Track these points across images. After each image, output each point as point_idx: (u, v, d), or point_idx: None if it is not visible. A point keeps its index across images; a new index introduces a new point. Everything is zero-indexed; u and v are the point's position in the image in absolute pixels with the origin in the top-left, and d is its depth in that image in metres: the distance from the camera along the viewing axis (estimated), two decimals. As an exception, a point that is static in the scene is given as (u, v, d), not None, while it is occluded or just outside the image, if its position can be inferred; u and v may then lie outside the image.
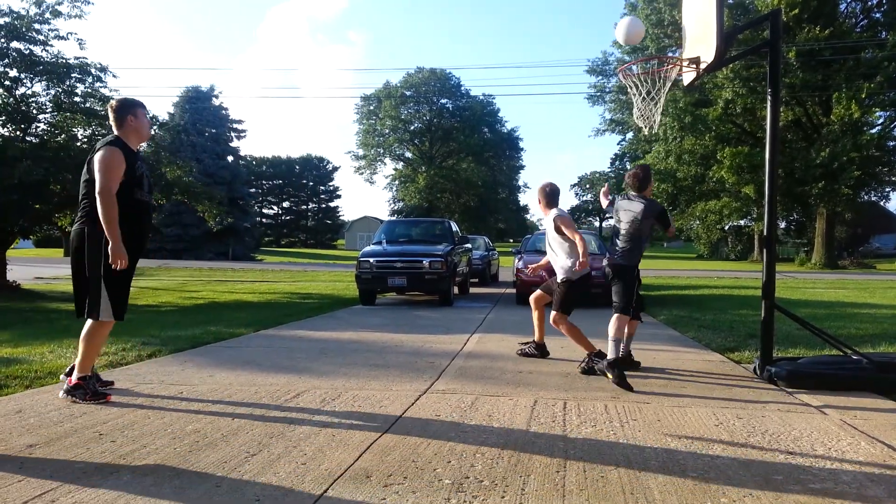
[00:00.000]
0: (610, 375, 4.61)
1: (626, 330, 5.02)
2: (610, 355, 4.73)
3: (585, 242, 5.01)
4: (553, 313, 5.29)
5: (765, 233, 5.03)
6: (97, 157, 3.90)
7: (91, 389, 3.98)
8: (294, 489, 2.57)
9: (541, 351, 5.80)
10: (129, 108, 4.09)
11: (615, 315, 4.89)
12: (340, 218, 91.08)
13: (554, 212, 5.38)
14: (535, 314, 5.88)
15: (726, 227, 48.84)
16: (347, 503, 2.44)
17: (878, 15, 32.75)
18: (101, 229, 3.83)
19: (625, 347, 5.17)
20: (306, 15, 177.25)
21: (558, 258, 5.33)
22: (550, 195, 5.48)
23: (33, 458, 2.93)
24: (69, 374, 4.12)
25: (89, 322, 3.97)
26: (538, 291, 5.88)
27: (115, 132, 4.09)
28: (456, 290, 11.99)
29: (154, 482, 2.63)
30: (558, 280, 5.33)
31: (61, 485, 2.60)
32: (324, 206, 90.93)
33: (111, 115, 4.11)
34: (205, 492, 2.53)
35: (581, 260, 4.99)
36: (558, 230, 5.26)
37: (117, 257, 3.82)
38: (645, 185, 5.11)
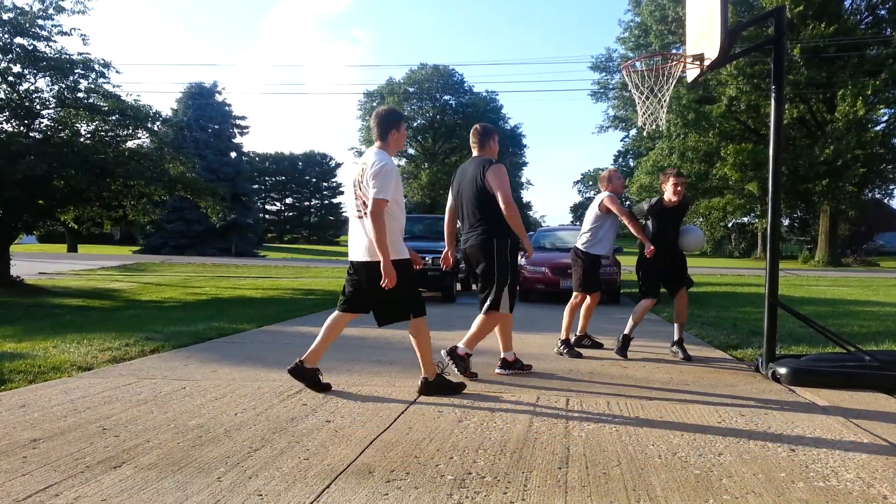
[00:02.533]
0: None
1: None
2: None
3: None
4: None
5: (768, 230, 5.01)
6: (490, 174, 4.52)
7: (465, 367, 4.63)
8: (297, 484, 2.57)
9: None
10: (493, 133, 4.84)
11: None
12: (343, 214, 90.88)
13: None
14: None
15: (730, 225, 48.76)
16: (350, 498, 2.44)
17: (882, 12, 32.57)
18: (506, 239, 4.56)
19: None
20: (312, 12, 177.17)
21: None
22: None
23: (37, 452, 2.93)
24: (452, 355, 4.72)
25: (485, 315, 4.65)
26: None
27: (477, 153, 4.80)
28: (458, 286, 11.99)
29: (157, 476, 2.64)
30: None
31: (64, 479, 2.60)
32: (326, 202, 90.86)
33: (477, 140, 4.80)
34: (207, 486, 2.54)
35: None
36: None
37: (531, 251, 4.81)
38: None
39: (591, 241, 6.03)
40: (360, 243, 4.06)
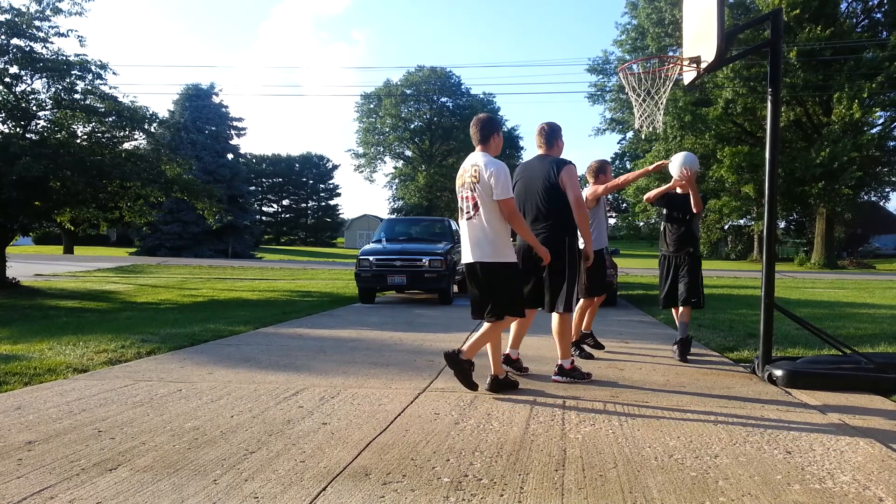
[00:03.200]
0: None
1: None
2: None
3: None
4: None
5: (764, 232, 5.03)
6: (565, 173, 4.56)
7: (581, 374, 4.70)
8: (293, 486, 2.57)
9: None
10: (559, 132, 4.87)
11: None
12: (340, 216, 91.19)
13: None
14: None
15: (726, 227, 48.85)
16: (346, 501, 2.44)
17: (878, 15, 32.77)
18: (575, 238, 4.64)
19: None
20: (310, 13, 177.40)
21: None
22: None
23: (32, 454, 2.92)
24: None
25: (560, 317, 4.63)
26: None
27: (545, 152, 4.82)
28: (455, 288, 11.98)
29: (153, 479, 2.63)
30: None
31: (60, 481, 2.59)
32: (323, 204, 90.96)
33: (544, 139, 4.79)
34: (203, 489, 2.53)
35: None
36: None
37: (591, 259, 4.94)
38: None
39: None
40: (466, 245, 4.28)
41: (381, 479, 2.66)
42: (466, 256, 4.28)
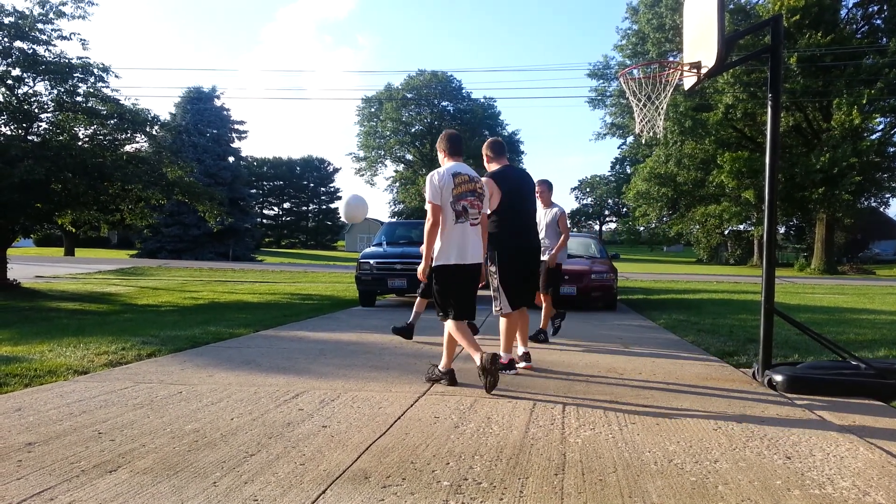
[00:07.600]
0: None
1: None
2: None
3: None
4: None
5: (764, 238, 5.03)
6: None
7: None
8: (292, 489, 2.57)
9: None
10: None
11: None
12: (341, 219, 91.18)
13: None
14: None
15: (726, 232, 48.89)
16: (346, 504, 2.44)
17: (878, 21, 32.85)
18: None
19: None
20: (313, 18, 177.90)
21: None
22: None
23: (32, 456, 2.93)
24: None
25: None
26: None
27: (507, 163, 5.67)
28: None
29: (152, 481, 2.63)
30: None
31: (59, 483, 2.60)
32: (324, 207, 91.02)
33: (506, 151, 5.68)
34: (203, 491, 2.53)
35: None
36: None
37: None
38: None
39: None
40: (477, 246, 4.72)
41: (381, 483, 2.66)
42: (476, 257, 4.63)
